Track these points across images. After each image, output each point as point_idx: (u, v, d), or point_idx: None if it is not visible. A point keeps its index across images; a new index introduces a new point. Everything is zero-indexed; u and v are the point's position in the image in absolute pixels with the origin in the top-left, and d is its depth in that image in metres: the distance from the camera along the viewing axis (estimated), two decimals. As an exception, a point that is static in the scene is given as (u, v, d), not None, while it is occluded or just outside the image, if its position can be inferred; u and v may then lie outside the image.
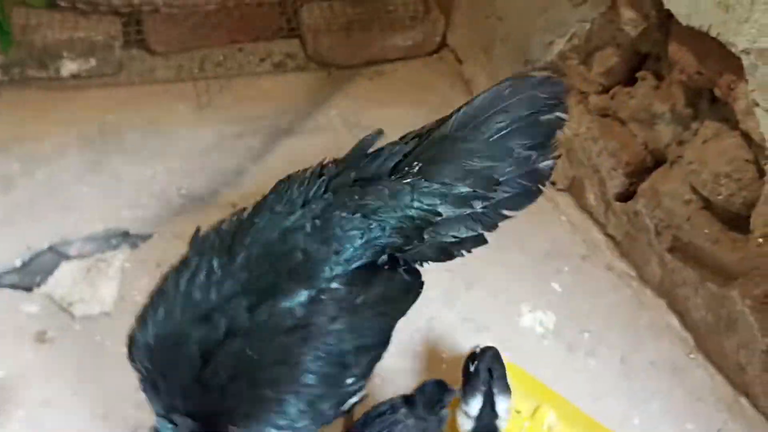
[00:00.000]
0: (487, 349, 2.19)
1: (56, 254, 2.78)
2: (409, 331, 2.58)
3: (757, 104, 2.11)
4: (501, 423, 2.10)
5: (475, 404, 2.10)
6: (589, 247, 2.98)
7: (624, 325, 2.64)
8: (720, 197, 2.39)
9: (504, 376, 2.14)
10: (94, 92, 3.46)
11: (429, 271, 2.79)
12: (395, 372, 2.42)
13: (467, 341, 2.53)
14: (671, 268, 2.61)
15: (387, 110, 3.70)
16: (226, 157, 3.31)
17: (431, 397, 2.13)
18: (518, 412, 2.31)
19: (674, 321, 2.64)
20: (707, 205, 2.50)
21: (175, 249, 2.69)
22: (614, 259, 2.92)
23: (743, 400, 2.37)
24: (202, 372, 1.61)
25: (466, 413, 2.10)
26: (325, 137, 3.49)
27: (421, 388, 2.16)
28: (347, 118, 3.62)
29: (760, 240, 2.23)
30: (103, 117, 3.36)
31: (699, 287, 2.48)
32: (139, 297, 2.56)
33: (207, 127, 3.45)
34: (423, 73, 3.81)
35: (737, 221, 2.38)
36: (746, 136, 2.30)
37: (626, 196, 2.84)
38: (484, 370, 2.13)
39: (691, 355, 2.54)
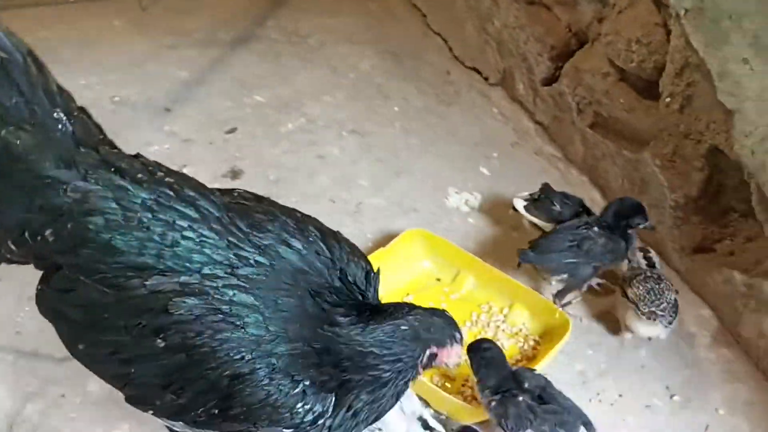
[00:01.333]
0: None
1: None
2: (337, 215, 2.62)
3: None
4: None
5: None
6: (519, 135, 3.02)
7: (551, 201, 2.68)
8: (633, 65, 2.43)
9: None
10: (29, 11, 3.45)
11: (359, 160, 2.87)
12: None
13: (394, 223, 2.58)
14: (592, 143, 2.66)
15: (326, 19, 3.71)
16: (160, 67, 3.32)
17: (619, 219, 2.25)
18: (438, 279, 2.37)
19: (596, 194, 2.70)
20: (623, 76, 2.54)
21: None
22: (543, 144, 2.97)
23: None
24: None
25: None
26: (262, 46, 3.50)
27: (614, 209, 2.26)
28: (285, 27, 3.63)
29: (668, 99, 2.27)
30: (37, 33, 3.33)
31: (616, 157, 2.54)
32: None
33: (143, 41, 3.46)
34: (363, -20, 3.80)
35: (649, 89, 2.42)
36: (656, 1, 2.32)
37: (551, 80, 2.88)
38: None
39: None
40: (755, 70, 1.83)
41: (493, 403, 1.79)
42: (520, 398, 1.76)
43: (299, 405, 1.39)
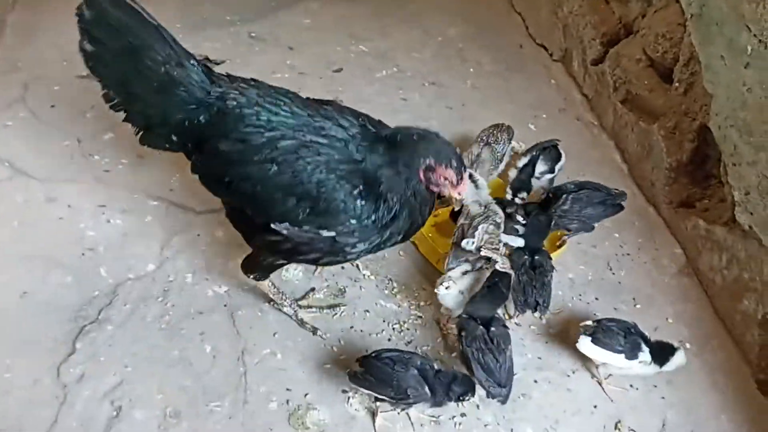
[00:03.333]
0: None
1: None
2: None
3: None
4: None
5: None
6: (567, 103, 3.68)
7: (579, 158, 3.34)
8: (658, 54, 3.05)
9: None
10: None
11: (433, 105, 3.60)
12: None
13: (453, 156, 3.31)
14: (620, 115, 3.31)
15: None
16: (289, 16, 4.10)
17: None
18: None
19: (617, 156, 3.35)
20: (651, 63, 3.16)
21: (242, 72, 3.55)
22: (584, 112, 3.62)
23: (650, 209, 3.09)
24: None
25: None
26: (374, 6, 4.24)
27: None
28: (392, -7, 4.37)
29: (677, 84, 2.90)
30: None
31: (634, 126, 3.18)
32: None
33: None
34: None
35: (668, 75, 3.03)
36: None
37: (599, 61, 3.52)
38: None
39: (627, 181, 3.25)
40: (728, 65, 2.45)
41: None
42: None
43: (358, 200, 2.17)
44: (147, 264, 2.74)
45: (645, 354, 2.37)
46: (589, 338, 2.38)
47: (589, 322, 2.44)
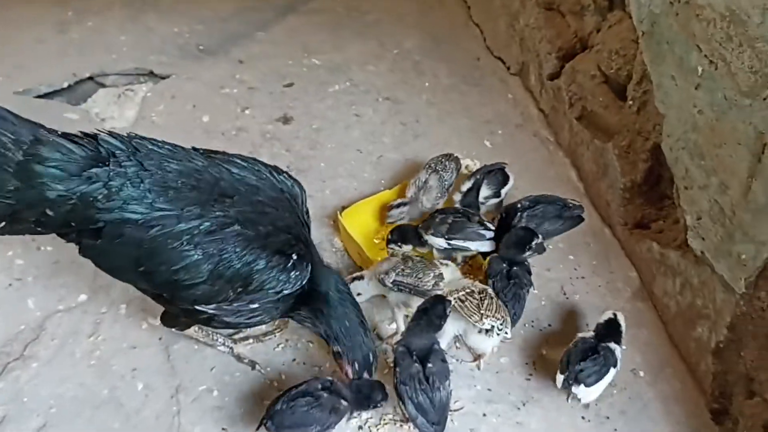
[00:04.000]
0: None
1: (95, 83, 3.57)
2: (360, 164, 3.28)
3: (631, -10, 2.68)
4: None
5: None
6: (524, 119, 3.60)
7: (535, 176, 3.26)
8: (612, 71, 2.98)
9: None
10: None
11: (384, 121, 3.51)
12: (345, 189, 3.13)
13: (405, 175, 3.21)
14: (576, 132, 3.23)
15: (384, 1, 4.33)
16: (241, 25, 4.01)
17: None
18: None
19: (573, 174, 3.27)
20: (606, 79, 3.09)
21: (189, 87, 3.48)
22: (541, 128, 3.54)
23: (606, 230, 3.01)
24: None
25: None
26: (328, 17, 4.15)
27: None
28: (349, 3, 4.27)
29: (630, 102, 2.82)
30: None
31: (590, 144, 3.10)
32: (155, 118, 3.35)
33: (230, 1, 4.16)
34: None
35: (622, 92, 2.96)
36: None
37: (555, 76, 3.44)
38: None
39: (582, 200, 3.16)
40: (678, 85, 2.37)
41: None
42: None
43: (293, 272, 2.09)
44: (79, 294, 2.60)
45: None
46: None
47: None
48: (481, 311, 2.35)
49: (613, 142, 2.92)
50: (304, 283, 2.14)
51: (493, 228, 2.70)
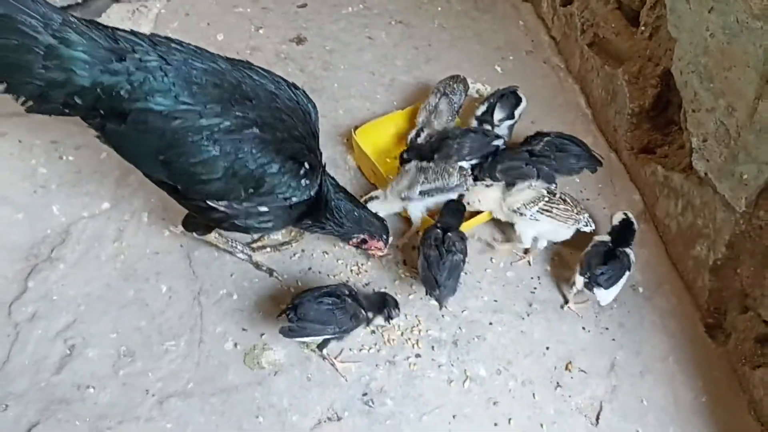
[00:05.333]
0: None
1: (110, -1, 3.57)
2: (373, 85, 3.33)
3: None
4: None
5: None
6: (535, 45, 3.63)
7: (544, 102, 3.32)
8: (625, -4, 3.00)
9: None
10: None
11: (397, 44, 3.53)
12: (358, 109, 3.19)
13: (416, 97, 3.27)
14: (586, 58, 3.27)
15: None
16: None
17: None
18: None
19: (582, 100, 3.33)
20: (619, 5, 3.11)
21: (202, 4, 3.47)
22: (552, 55, 3.57)
23: (612, 155, 3.09)
24: None
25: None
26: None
27: None
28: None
29: (643, 28, 2.86)
30: None
31: (600, 70, 3.15)
32: (170, 33, 3.36)
33: None
34: None
35: (636, 17, 2.99)
36: (650, -54, 2.87)
37: (568, 2, 3.45)
38: None
39: (590, 126, 3.23)
40: (692, 9, 2.41)
41: None
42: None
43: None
44: (102, 202, 2.69)
45: None
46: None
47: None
48: (574, 212, 2.58)
49: (623, 68, 2.97)
50: (312, 193, 2.23)
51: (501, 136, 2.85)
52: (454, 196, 2.65)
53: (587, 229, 2.61)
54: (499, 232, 2.76)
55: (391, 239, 2.51)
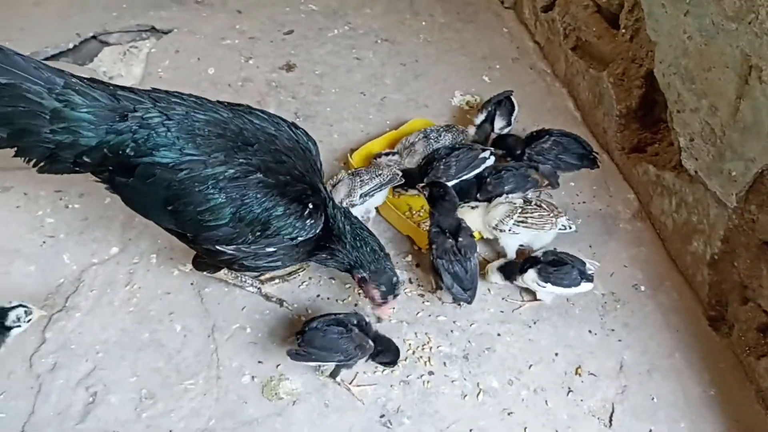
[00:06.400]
0: None
1: (99, 42, 3.63)
2: (365, 106, 3.39)
3: None
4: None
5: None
6: (520, 52, 3.69)
7: (533, 107, 3.38)
8: (604, 1, 3.06)
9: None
10: None
11: (384, 63, 3.59)
12: (352, 132, 3.25)
13: (408, 115, 3.33)
14: (571, 62, 3.33)
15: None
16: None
17: None
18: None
19: (570, 104, 3.39)
20: (598, 9, 3.17)
21: (191, 40, 3.53)
22: (537, 60, 3.63)
23: (604, 156, 3.15)
24: None
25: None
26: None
27: None
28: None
29: (623, 31, 2.92)
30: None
31: (585, 74, 3.21)
32: (162, 74, 3.43)
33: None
34: None
35: (615, 21, 3.05)
36: (626, -51, 2.93)
37: (549, 8, 3.51)
38: None
39: (580, 128, 3.29)
40: (668, 12, 2.47)
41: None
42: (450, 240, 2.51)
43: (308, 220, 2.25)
44: (110, 247, 2.75)
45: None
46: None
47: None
48: (551, 216, 2.62)
49: (607, 70, 3.03)
50: (318, 231, 2.29)
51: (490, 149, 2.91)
52: (390, 187, 2.78)
53: (568, 231, 2.65)
54: (491, 251, 2.81)
55: (395, 303, 2.51)
